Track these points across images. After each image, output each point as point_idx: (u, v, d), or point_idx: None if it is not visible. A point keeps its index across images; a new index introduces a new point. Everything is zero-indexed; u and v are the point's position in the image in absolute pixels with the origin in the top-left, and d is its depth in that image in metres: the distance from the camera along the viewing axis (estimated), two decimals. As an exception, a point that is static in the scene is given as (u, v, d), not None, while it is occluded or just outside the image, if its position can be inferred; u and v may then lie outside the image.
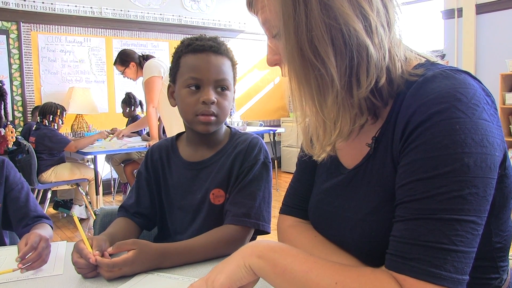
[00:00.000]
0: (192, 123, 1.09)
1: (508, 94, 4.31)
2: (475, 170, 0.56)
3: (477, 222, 0.56)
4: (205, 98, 1.05)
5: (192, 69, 1.07)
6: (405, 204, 0.59)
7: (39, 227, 1.18)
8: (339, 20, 0.59)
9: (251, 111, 6.54)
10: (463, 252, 0.55)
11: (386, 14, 0.62)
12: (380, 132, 0.68)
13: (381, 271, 0.59)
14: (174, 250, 0.95)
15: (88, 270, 0.89)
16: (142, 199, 1.17)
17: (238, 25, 6.28)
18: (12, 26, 4.60)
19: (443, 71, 0.61)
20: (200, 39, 1.10)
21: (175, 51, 1.13)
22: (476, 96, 0.58)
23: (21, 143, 3.69)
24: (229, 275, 0.64)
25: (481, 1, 4.82)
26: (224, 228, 1.03)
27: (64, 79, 4.95)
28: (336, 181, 0.77)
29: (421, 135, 0.58)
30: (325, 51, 0.60)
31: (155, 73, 3.35)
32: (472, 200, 0.55)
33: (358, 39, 0.59)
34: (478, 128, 0.56)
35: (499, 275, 0.69)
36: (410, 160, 0.59)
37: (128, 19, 5.31)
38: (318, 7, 0.59)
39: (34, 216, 1.21)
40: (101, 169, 4.41)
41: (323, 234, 0.80)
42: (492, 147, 0.57)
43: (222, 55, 1.09)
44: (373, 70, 0.61)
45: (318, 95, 0.63)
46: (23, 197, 1.25)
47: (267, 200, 1.09)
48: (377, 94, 0.65)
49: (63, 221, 4.21)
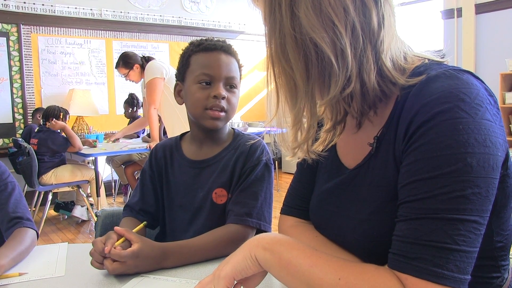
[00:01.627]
0: (200, 118, 1.11)
1: (508, 94, 4.31)
2: (478, 170, 0.56)
3: (480, 222, 0.56)
4: (217, 93, 1.08)
5: (204, 66, 1.10)
6: (408, 203, 0.59)
7: (16, 236, 1.07)
8: (306, 30, 0.61)
9: (252, 112, 6.54)
10: (465, 251, 0.55)
11: (365, 23, 0.62)
12: (382, 131, 0.68)
13: (384, 269, 0.59)
14: (176, 249, 0.96)
15: (98, 258, 0.90)
16: (146, 196, 1.18)
17: (238, 26, 6.28)
18: (12, 28, 4.61)
19: (446, 70, 0.61)
20: (210, 40, 1.15)
21: (184, 51, 1.16)
22: (479, 96, 0.58)
23: (21, 145, 3.69)
24: (234, 265, 0.65)
25: (481, 1, 4.82)
26: (226, 227, 1.04)
27: (64, 81, 4.95)
28: (337, 181, 0.77)
29: (424, 134, 0.58)
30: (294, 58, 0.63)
31: (157, 75, 3.35)
32: (474, 200, 0.55)
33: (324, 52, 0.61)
34: (481, 128, 0.56)
35: (501, 274, 0.70)
36: (413, 159, 0.59)
37: (128, 20, 5.32)
38: (289, 15, 0.62)
39: (12, 217, 1.12)
40: (101, 171, 4.41)
41: (325, 234, 0.80)
42: (494, 147, 0.57)
43: (231, 55, 1.15)
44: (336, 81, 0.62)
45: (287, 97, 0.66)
46: (4, 198, 1.17)
47: (268, 201, 1.10)
48: (350, 101, 0.66)
49: (64, 223, 4.21)
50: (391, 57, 0.65)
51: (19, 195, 1.19)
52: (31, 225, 1.12)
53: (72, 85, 4.98)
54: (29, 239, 1.06)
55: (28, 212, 1.16)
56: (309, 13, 0.60)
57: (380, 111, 0.69)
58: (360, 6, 0.61)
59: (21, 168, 3.62)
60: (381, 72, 0.64)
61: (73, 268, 0.96)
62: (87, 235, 3.83)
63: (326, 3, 0.60)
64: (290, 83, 0.65)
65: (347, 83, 0.62)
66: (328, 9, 0.60)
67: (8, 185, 1.17)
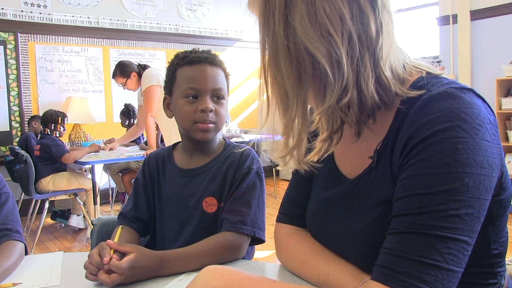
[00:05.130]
0: (190, 131, 1.11)
1: (504, 99, 4.33)
2: (473, 191, 0.56)
3: (469, 243, 0.56)
4: (204, 107, 1.08)
5: (190, 79, 1.10)
6: (401, 217, 0.59)
7: (3, 250, 1.05)
8: (301, 39, 0.60)
9: (249, 119, 6.55)
10: (453, 271, 0.55)
11: (363, 31, 0.61)
12: (381, 145, 0.68)
13: (364, 286, 0.59)
14: (172, 257, 0.96)
15: (94, 270, 0.89)
16: (139, 204, 1.18)
17: (235, 33, 6.31)
18: (10, 37, 4.61)
19: (448, 89, 0.61)
20: (194, 52, 1.14)
21: (170, 64, 1.16)
22: (481, 116, 0.58)
23: (18, 153, 3.68)
24: None
25: (476, 8, 4.85)
26: (221, 235, 1.04)
27: (61, 89, 4.95)
28: (336, 191, 0.77)
29: (423, 151, 0.58)
30: (286, 67, 0.62)
31: (154, 82, 3.35)
32: (467, 220, 0.56)
33: (319, 62, 0.60)
34: (480, 149, 0.57)
35: (497, 280, 0.70)
36: (410, 174, 0.59)
37: (125, 28, 5.33)
38: (283, 24, 0.61)
39: (1, 229, 1.10)
40: (99, 179, 4.40)
41: (322, 242, 0.80)
42: (491, 168, 0.58)
43: (217, 66, 1.14)
44: (332, 91, 0.61)
45: (279, 106, 0.65)
46: None
47: (261, 209, 1.10)
48: (347, 110, 0.65)
49: (61, 231, 4.18)
50: (390, 65, 0.64)
51: (11, 207, 1.17)
52: (20, 238, 1.11)
53: (69, 93, 4.98)
54: (16, 253, 1.05)
55: (18, 224, 1.14)
56: (304, 22, 0.60)
57: (380, 120, 0.69)
58: (358, 14, 0.61)
59: (18, 176, 3.60)
60: (380, 80, 0.64)
61: (68, 277, 0.95)
62: (84, 243, 3.80)
63: (321, 12, 0.59)
64: (281, 91, 0.65)
65: (343, 92, 0.62)
66: (323, 19, 0.59)
67: (1, 196, 1.16)
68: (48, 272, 0.98)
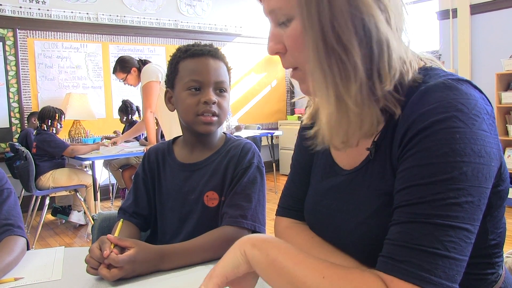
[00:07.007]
0: (193, 123, 1.11)
1: (504, 94, 4.33)
2: (472, 180, 0.56)
3: (471, 231, 0.56)
4: (207, 99, 1.09)
5: (193, 72, 1.10)
6: (401, 208, 0.60)
7: (5, 245, 1.06)
8: (362, 9, 0.59)
9: (249, 115, 6.54)
10: (455, 259, 0.55)
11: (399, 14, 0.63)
12: (379, 137, 0.68)
13: (370, 271, 0.60)
14: (172, 251, 0.96)
15: (94, 264, 0.89)
16: (139, 199, 1.18)
17: (234, 29, 6.29)
18: (9, 33, 4.60)
19: (445, 80, 0.61)
20: (196, 45, 1.14)
21: (172, 58, 1.16)
22: (477, 107, 0.59)
23: (18, 149, 3.68)
24: (226, 263, 0.65)
25: (476, 2, 4.84)
26: (222, 229, 1.05)
27: (61, 85, 4.94)
28: (333, 182, 0.77)
29: (421, 142, 0.59)
30: (348, 39, 0.59)
31: (153, 78, 3.35)
32: (467, 208, 0.56)
33: (379, 30, 0.60)
34: (477, 138, 0.57)
35: (495, 270, 0.70)
36: (409, 166, 0.60)
37: (124, 24, 5.32)
38: None
39: (3, 224, 1.12)
40: (99, 175, 4.41)
41: (320, 235, 0.80)
42: (489, 157, 0.58)
43: (219, 59, 1.14)
44: (395, 62, 0.61)
45: (342, 84, 0.61)
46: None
47: (262, 203, 1.11)
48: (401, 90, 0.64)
49: (62, 227, 4.19)
50: None
51: (13, 202, 1.18)
52: (22, 233, 1.12)
53: (68, 89, 4.97)
54: (18, 248, 1.06)
55: (20, 220, 1.15)
56: None
57: None
58: None
59: (18, 173, 3.61)
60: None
61: (69, 272, 0.96)
62: (85, 239, 3.82)
63: None
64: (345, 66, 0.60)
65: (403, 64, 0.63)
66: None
67: (4, 191, 1.17)
68: (49, 267, 0.99)
